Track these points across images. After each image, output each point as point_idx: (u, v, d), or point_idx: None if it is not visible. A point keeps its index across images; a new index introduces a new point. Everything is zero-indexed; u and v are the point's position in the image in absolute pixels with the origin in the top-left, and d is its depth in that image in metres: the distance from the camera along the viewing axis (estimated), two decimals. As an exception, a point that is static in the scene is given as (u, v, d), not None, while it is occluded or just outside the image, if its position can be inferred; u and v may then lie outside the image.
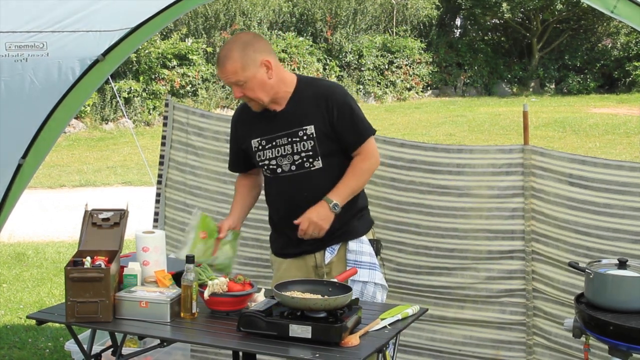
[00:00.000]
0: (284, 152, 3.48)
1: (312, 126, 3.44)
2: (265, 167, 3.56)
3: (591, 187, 3.76)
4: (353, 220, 3.55)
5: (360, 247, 3.54)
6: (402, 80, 22.05)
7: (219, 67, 3.42)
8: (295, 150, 3.47)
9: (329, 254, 3.55)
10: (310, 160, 3.46)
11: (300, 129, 3.45)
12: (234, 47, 3.37)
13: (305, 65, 19.55)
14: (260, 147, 3.54)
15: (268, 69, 3.38)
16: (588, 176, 3.76)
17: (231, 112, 18.41)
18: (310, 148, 3.45)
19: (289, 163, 3.49)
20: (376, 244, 3.63)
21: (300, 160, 3.47)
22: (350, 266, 3.50)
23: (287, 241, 3.61)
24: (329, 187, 3.45)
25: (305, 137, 3.45)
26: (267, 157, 3.53)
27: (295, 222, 3.43)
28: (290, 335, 2.91)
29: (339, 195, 3.42)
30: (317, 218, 3.41)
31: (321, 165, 3.46)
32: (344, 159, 3.50)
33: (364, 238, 3.57)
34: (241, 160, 3.71)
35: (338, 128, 3.44)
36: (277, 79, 3.42)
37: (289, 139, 3.47)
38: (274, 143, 3.50)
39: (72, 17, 3.99)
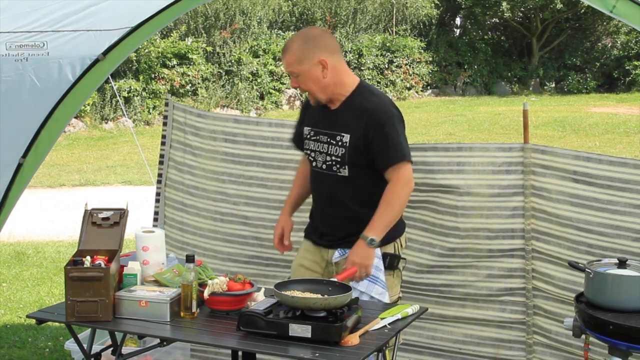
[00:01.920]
0: (322, 149, 3.57)
1: (349, 136, 3.48)
2: (307, 156, 3.67)
3: (596, 184, 3.76)
4: None
5: None
6: (401, 80, 22.03)
7: (282, 55, 3.56)
8: (328, 152, 3.54)
9: (338, 254, 3.58)
10: (338, 166, 3.52)
11: (339, 134, 3.51)
12: (297, 39, 3.49)
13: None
14: (308, 136, 3.65)
15: (324, 68, 3.43)
16: (593, 173, 3.76)
17: (231, 112, 18.25)
18: (340, 155, 3.50)
19: (322, 161, 3.57)
20: (389, 259, 3.58)
21: (330, 163, 3.54)
22: (353, 266, 3.50)
23: (314, 227, 3.71)
24: (351, 194, 3.53)
25: (339, 144, 3.50)
26: (310, 148, 3.64)
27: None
28: (290, 334, 2.91)
29: (375, 230, 3.44)
30: (359, 259, 3.44)
31: (347, 174, 3.51)
32: (372, 172, 3.51)
33: (375, 250, 3.53)
34: (300, 137, 3.77)
35: (371, 146, 3.46)
36: (334, 80, 3.48)
37: (328, 140, 3.54)
38: (317, 137, 3.59)
39: (72, 17, 4.00)
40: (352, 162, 3.49)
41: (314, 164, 3.62)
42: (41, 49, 4.01)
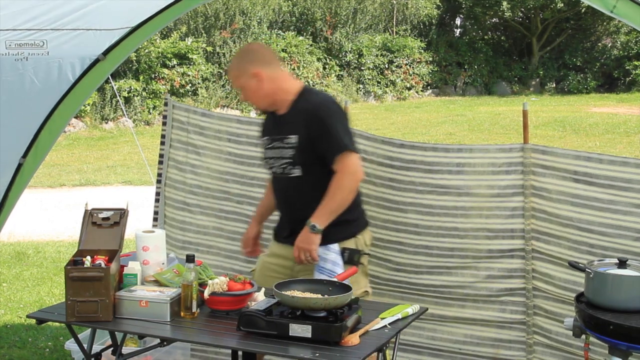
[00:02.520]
0: (276, 154, 3.71)
1: (296, 136, 3.62)
2: (267, 165, 3.82)
3: (596, 183, 3.76)
4: (328, 226, 3.61)
5: (325, 254, 3.60)
6: (402, 80, 22.04)
7: None
8: (281, 155, 3.68)
9: None
10: (290, 167, 3.66)
11: (286, 136, 3.66)
12: (236, 56, 3.85)
13: (305, 65, 19.54)
14: (265, 145, 3.81)
15: (259, 80, 3.65)
16: (593, 173, 3.76)
17: (231, 111, 18.25)
18: (289, 156, 3.65)
19: (278, 165, 3.71)
20: (349, 253, 3.65)
21: (284, 165, 3.68)
22: (315, 269, 3.60)
23: (281, 226, 3.85)
24: (308, 192, 3.64)
25: (288, 145, 3.65)
26: (267, 156, 3.79)
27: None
28: (290, 334, 2.91)
29: (318, 217, 3.56)
30: (302, 243, 3.59)
31: (300, 174, 3.65)
32: (323, 169, 3.60)
33: (332, 246, 3.62)
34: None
35: (315, 142, 3.58)
36: (273, 88, 3.68)
37: (280, 144, 3.69)
38: (272, 144, 3.74)
39: (71, 15, 3.99)
40: (302, 162, 3.62)
41: (272, 170, 3.76)
42: (41, 47, 4.00)
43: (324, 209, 3.56)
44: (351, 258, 3.65)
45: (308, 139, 3.58)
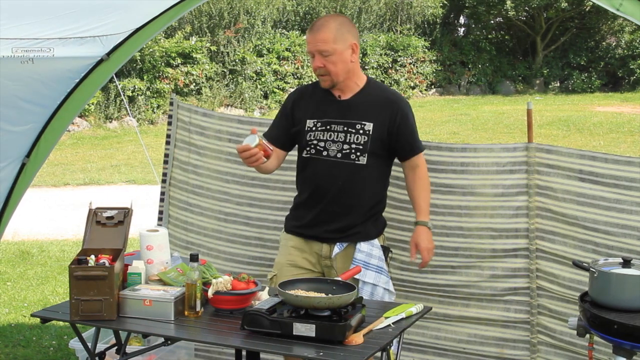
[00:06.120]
0: (336, 138, 3.60)
1: (372, 124, 3.57)
2: (312, 147, 3.63)
3: (601, 182, 3.76)
4: (368, 222, 3.65)
5: (370, 250, 3.62)
6: (406, 79, 22.02)
7: (312, 33, 3.55)
8: (347, 140, 3.58)
9: (337, 249, 3.63)
10: (358, 154, 3.58)
11: (359, 122, 3.58)
12: (332, 19, 3.56)
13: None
14: (313, 128, 3.64)
15: (353, 52, 3.55)
16: (598, 172, 3.76)
17: (235, 111, 18.15)
18: (362, 143, 3.57)
19: (336, 149, 3.59)
20: (385, 250, 3.70)
21: (348, 151, 3.58)
22: (362, 267, 3.57)
23: (303, 222, 3.70)
24: (364, 183, 3.59)
25: (361, 132, 3.58)
26: (317, 138, 3.62)
27: (414, 259, 3.70)
28: (294, 333, 2.91)
29: (428, 214, 3.68)
30: (430, 244, 3.67)
31: (365, 162, 3.58)
32: (385, 162, 3.66)
33: (376, 241, 3.66)
34: (279, 135, 3.74)
35: (397, 136, 3.59)
36: (355, 67, 3.61)
37: (345, 128, 3.59)
38: (328, 127, 3.62)
39: (80, 30, 4.00)
40: (372, 151, 3.57)
41: (324, 153, 3.60)
42: (48, 52, 4.01)
43: (427, 205, 3.67)
44: (386, 255, 3.70)
45: (388, 130, 3.57)
